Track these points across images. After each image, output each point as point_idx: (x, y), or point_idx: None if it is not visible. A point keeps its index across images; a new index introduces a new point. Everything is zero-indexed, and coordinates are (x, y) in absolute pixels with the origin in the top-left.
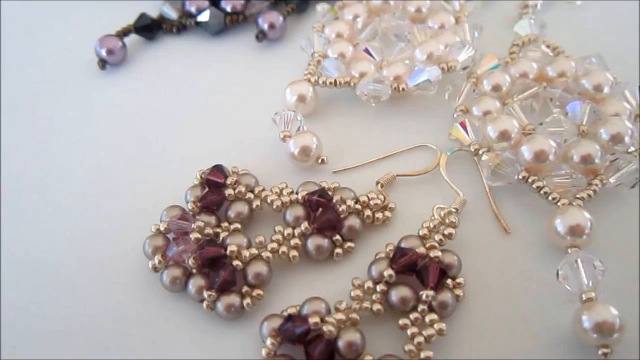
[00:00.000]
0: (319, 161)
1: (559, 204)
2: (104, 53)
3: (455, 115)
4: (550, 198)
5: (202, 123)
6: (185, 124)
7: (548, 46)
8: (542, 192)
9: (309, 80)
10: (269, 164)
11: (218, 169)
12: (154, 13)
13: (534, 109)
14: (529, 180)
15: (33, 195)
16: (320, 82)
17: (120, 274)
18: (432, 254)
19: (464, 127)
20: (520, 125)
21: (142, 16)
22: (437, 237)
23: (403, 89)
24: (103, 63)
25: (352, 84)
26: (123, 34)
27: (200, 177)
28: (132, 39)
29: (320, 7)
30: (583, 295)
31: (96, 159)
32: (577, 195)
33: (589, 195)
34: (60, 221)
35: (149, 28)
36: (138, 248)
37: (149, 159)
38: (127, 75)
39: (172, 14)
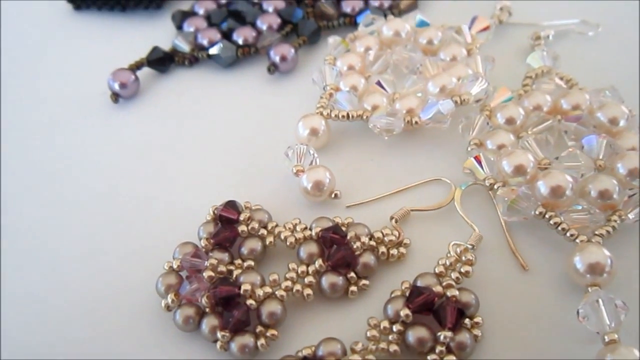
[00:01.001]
0: (332, 196)
1: (577, 240)
2: (116, 87)
3: (469, 149)
4: (568, 235)
5: (215, 156)
6: (198, 157)
7: (561, 78)
8: (559, 228)
9: (322, 114)
10: (282, 198)
11: (231, 205)
12: (166, 45)
13: (549, 142)
14: (546, 216)
15: (42, 229)
16: (333, 115)
17: (132, 312)
18: (449, 293)
19: (479, 162)
20: (536, 159)
21: (155, 49)
22: (454, 275)
23: (416, 122)
24: (116, 96)
25: (364, 117)
26: (136, 67)
27: (213, 213)
28: (145, 71)
29: (332, 40)
30: (605, 337)
31: (108, 193)
32: (596, 232)
33: (608, 232)
34: (70, 257)
35: (162, 61)
36: (150, 286)
37: (161, 192)
38: (140, 108)
39: (185, 46)
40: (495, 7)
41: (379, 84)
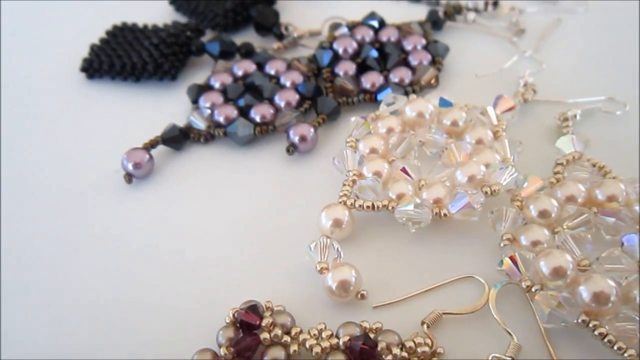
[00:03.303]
0: (359, 296)
1: (625, 354)
2: (130, 167)
3: (501, 244)
4: (615, 348)
5: (232, 244)
6: (214, 246)
7: (594, 165)
8: (605, 340)
9: (345, 203)
10: (304, 295)
11: (252, 310)
12: (180, 117)
13: (587, 240)
14: (590, 325)
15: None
16: (357, 205)
17: None
18: None
19: (515, 262)
20: (575, 259)
21: (170, 127)
22: None
23: (445, 214)
24: (129, 177)
25: (390, 208)
26: (150, 145)
27: (234, 316)
28: (159, 148)
29: (353, 120)
30: None
31: (117, 284)
32: None
33: None
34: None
35: (177, 139)
36: None
37: (175, 286)
38: (153, 188)
39: (200, 123)
40: (519, 84)
41: (404, 170)
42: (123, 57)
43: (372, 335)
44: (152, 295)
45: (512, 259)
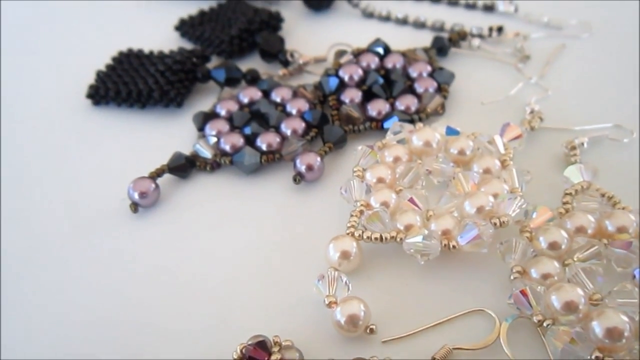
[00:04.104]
0: (368, 330)
1: None
2: (136, 196)
3: (512, 277)
4: None
5: (238, 275)
6: (220, 277)
7: (602, 195)
8: None
9: (353, 235)
10: (311, 329)
11: (261, 345)
12: (186, 145)
13: (598, 273)
14: None
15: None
16: (365, 237)
17: None
18: None
19: (525, 296)
20: (586, 293)
21: (176, 155)
22: None
23: (454, 246)
24: (135, 206)
25: (398, 240)
26: (156, 174)
27: (241, 352)
28: (165, 177)
29: (360, 149)
30: None
31: (121, 314)
32: None
33: None
34: None
35: (183, 167)
36: None
37: (179, 320)
38: (159, 217)
39: (207, 152)
40: (525, 111)
41: (411, 201)
42: (129, 84)
43: None
44: (155, 328)
45: (522, 292)
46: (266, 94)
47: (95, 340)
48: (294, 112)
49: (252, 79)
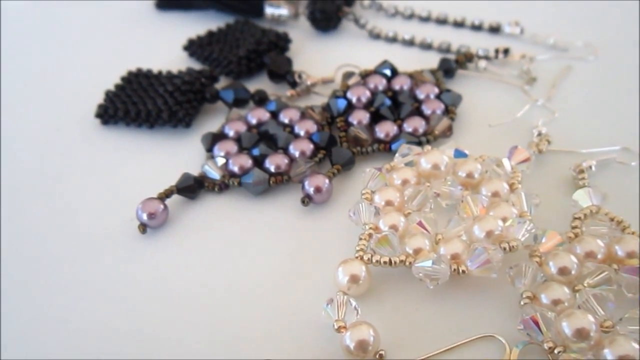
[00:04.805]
0: (377, 356)
1: None
2: (145, 217)
3: (522, 303)
4: None
5: (247, 299)
6: (226, 299)
7: (612, 219)
8: None
9: (362, 259)
10: (321, 353)
11: None
12: (194, 165)
13: (609, 299)
14: None
15: None
16: (374, 260)
17: None
18: None
19: (536, 323)
20: (597, 320)
21: (185, 177)
22: None
23: (463, 271)
24: (143, 227)
25: (407, 264)
26: (165, 195)
27: None
28: (173, 198)
29: (369, 171)
30: None
31: (127, 335)
32: None
33: None
34: None
35: (191, 188)
36: None
37: (185, 342)
38: (167, 238)
39: (215, 173)
40: (533, 134)
41: (420, 224)
42: (138, 104)
43: None
44: (161, 351)
45: (533, 319)
46: (274, 115)
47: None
48: (302, 133)
49: (260, 99)
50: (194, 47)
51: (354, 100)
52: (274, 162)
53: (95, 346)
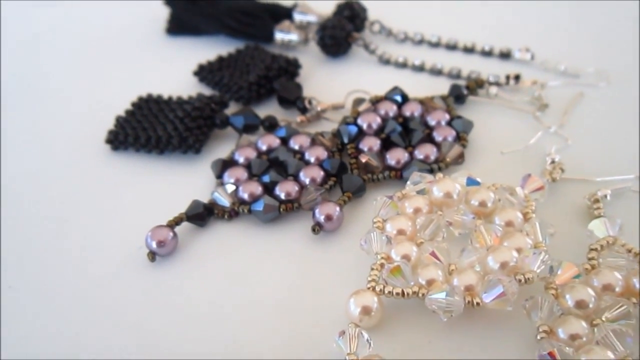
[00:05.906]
0: None
1: None
2: (154, 245)
3: (538, 337)
4: None
5: (255, 328)
6: (235, 328)
7: (629, 251)
8: None
9: (374, 289)
10: None
11: None
12: (204, 192)
13: (628, 335)
14: None
15: None
16: (387, 291)
17: None
18: None
19: (553, 358)
20: (617, 356)
21: (195, 204)
22: None
23: (478, 303)
24: (153, 255)
25: (420, 295)
26: (175, 223)
27: None
28: (183, 225)
29: (380, 199)
30: None
31: None
32: None
33: None
34: None
35: (201, 216)
36: None
37: None
38: (176, 267)
39: (225, 200)
40: (546, 162)
41: (433, 254)
42: (148, 130)
43: None
44: None
45: (551, 354)
46: (284, 141)
47: None
48: (312, 160)
49: (271, 125)
50: (204, 73)
51: (364, 126)
52: (284, 189)
53: None
